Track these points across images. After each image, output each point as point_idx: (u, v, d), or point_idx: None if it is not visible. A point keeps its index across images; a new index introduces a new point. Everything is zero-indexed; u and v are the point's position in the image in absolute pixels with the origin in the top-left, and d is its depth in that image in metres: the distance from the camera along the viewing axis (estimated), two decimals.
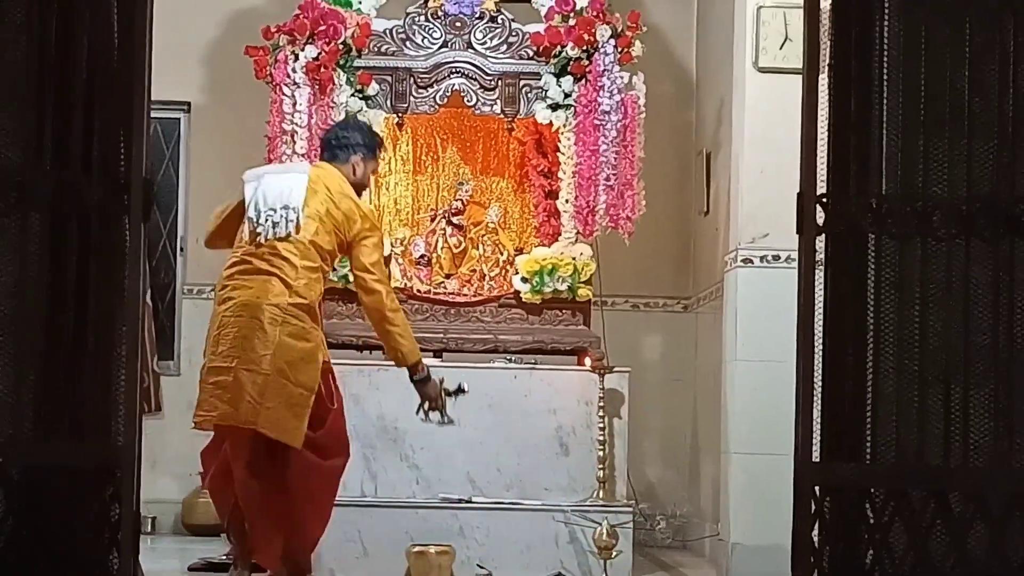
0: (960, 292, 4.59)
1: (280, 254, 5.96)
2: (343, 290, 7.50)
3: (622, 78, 7.81)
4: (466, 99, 8.00)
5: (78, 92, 4.48)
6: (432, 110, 8.06)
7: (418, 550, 7.11)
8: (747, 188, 7.78)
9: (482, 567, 7.31)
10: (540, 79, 7.95)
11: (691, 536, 9.03)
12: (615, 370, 7.68)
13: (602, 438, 7.52)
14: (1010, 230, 4.59)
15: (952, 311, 4.58)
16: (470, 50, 8.01)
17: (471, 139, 8.52)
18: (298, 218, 5.96)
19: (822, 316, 4.62)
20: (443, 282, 8.23)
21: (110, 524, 4.46)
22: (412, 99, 7.99)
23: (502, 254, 8.24)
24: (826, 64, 4.68)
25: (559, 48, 7.89)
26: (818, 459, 4.58)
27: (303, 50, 7.74)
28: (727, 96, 8.25)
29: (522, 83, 7.99)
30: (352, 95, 7.83)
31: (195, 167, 9.41)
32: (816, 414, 4.59)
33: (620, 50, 7.82)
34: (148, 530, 8.94)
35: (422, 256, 8.27)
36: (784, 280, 5.94)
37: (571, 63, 7.87)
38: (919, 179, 4.64)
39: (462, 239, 8.30)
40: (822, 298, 4.62)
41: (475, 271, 8.25)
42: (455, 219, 8.32)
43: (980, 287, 4.59)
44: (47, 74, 4.47)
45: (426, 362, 6.49)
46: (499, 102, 8.00)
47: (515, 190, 8.48)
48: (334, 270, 7.44)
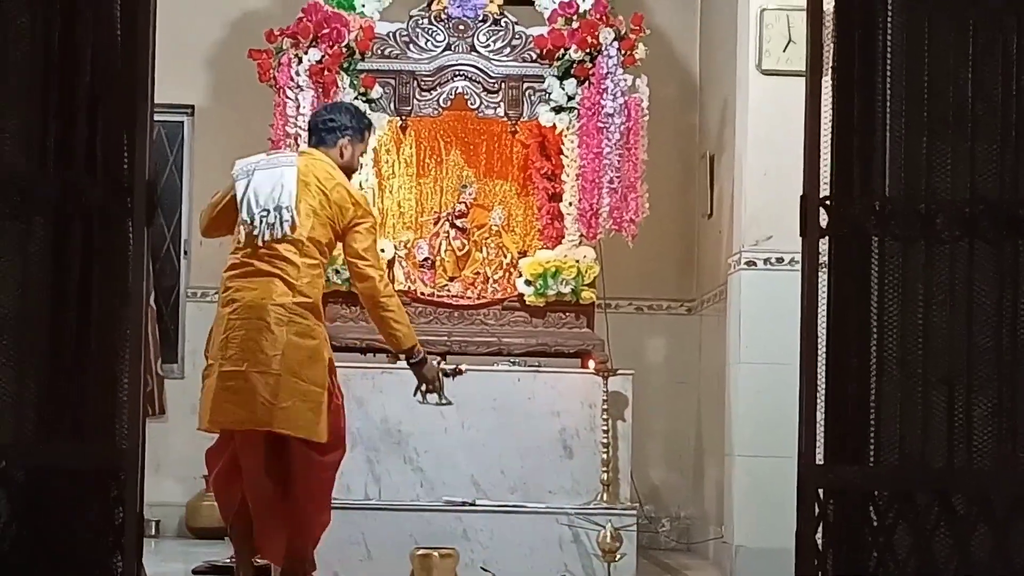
0: (963, 294, 4.58)
1: (280, 254, 5.94)
2: (347, 293, 7.51)
3: (625, 81, 7.81)
4: (469, 102, 8.01)
5: (81, 95, 4.48)
6: (435, 113, 8.06)
7: (422, 553, 7.11)
8: (750, 190, 7.78)
9: (486, 570, 7.31)
10: (543, 82, 7.95)
11: (695, 539, 9.02)
12: (619, 373, 7.68)
13: (606, 441, 7.52)
14: (1013, 232, 4.59)
15: (956, 313, 4.58)
16: (473, 53, 8.01)
17: (474, 142, 8.52)
18: (292, 217, 5.92)
19: (826, 318, 4.61)
20: (447, 285, 8.22)
21: (113, 527, 4.46)
22: (415, 102, 7.99)
23: (506, 257, 8.24)
24: (829, 67, 4.68)
25: (562, 51, 7.89)
26: (822, 462, 4.58)
27: (307, 53, 7.75)
28: (730, 99, 8.25)
29: (525, 86, 7.99)
30: (356, 98, 7.82)
31: (198, 170, 9.41)
32: (820, 417, 4.59)
33: (623, 53, 7.82)
34: (152, 533, 8.94)
35: (426, 259, 8.27)
36: (788, 282, 5.93)
37: (574, 66, 7.87)
38: (922, 181, 4.64)
39: (466, 242, 8.30)
40: (826, 300, 4.62)
41: (479, 274, 8.24)
42: (459, 222, 8.32)
43: (983, 289, 4.58)
44: (50, 77, 4.47)
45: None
46: (502, 105, 8.00)
47: (519, 193, 8.48)
48: (336, 272, 7.48)
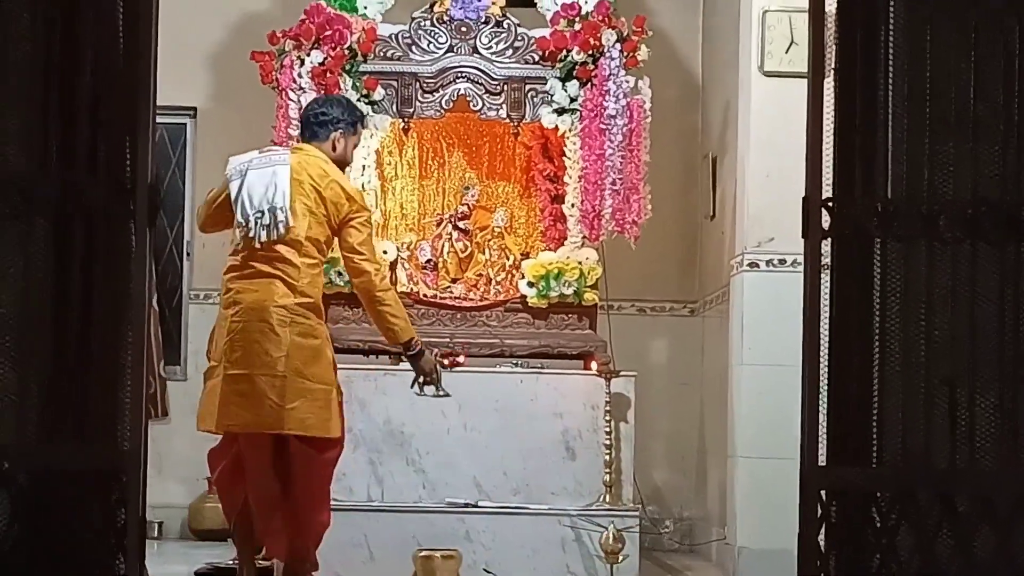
0: (966, 295, 4.58)
1: (280, 255, 5.92)
2: (349, 295, 7.50)
3: (628, 82, 7.81)
4: (472, 104, 8.01)
5: (83, 96, 4.47)
6: (438, 115, 8.07)
7: (425, 554, 7.12)
8: (753, 192, 7.78)
9: (488, 571, 7.31)
10: (546, 83, 7.95)
11: (697, 540, 9.02)
12: (621, 374, 7.69)
13: (608, 442, 7.52)
14: (1015, 233, 4.58)
15: (958, 314, 4.57)
16: (476, 55, 8.01)
17: (477, 144, 8.52)
18: (287, 218, 5.89)
19: (828, 320, 4.61)
20: (449, 287, 8.23)
21: (116, 529, 4.45)
22: (418, 104, 8.00)
23: (508, 258, 8.24)
24: (831, 68, 4.67)
25: (565, 52, 7.89)
26: (824, 463, 4.57)
27: (309, 55, 7.76)
28: (733, 100, 8.25)
29: (528, 87, 7.99)
30: (358, 100, 7.82)
31: (201, 172, 9.41)
32: (822, 418, 4.58)
33: (626, 54, 7.82)
34: (155, 535, 8.95)
35: (428, 261, 8.27)
36: (790, 284, 5.94)
37: (577, 67, 7.87)
38: (925, 182, 4.63)
39: (468, 244, 8.30)
40: (828, 302, 4.61)
41: (481, 275, 8.25)
42: (461, 224, 8.32)
43: (986, 290, 4.57)
44: (52, 78, 4.46)
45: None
46: (505, 106, 8.00)
47: (521, 194, 8.48)
48: (339, 274, 7.48)
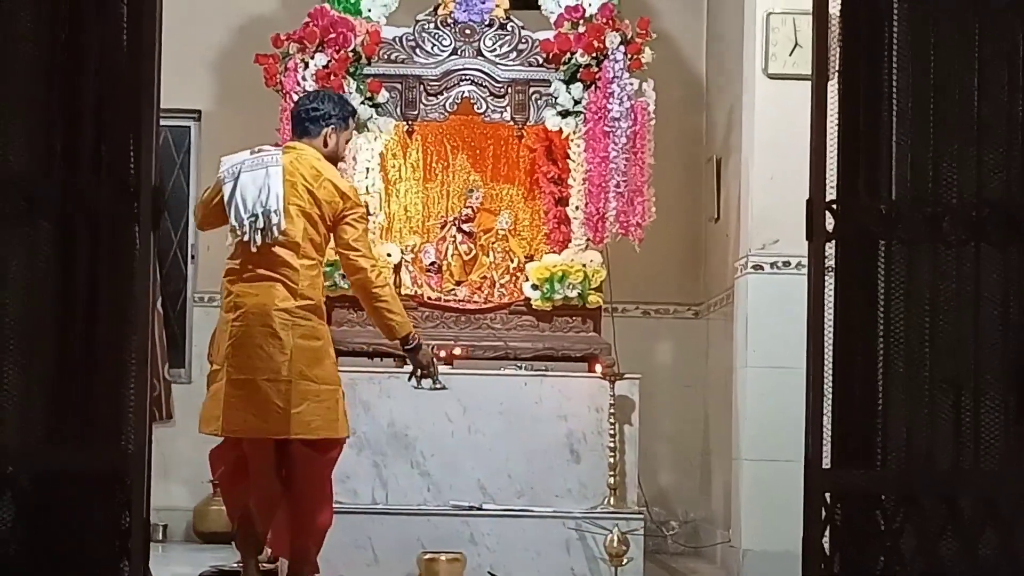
0: (970, 297, 4.57)
1: (278, 258, 5.91)
2: (353, 297, 7.49)
3: (632, 85, 7.82)
4: (476, 106, 8.01)
5: (87, 98, 4.47)
6: (442, 117, 8.07)
7: (429, 557, 7.13)
8: (757, 194, 7.78)
9: (493, 574, 7.31)
10: (550, 86, 7.95)
11: (702, 542, 9.01)
12: (626, 377, 7.69)
13: (613, 445, 7.52)
14: (1019, 235, 4.57)
15: (962, 316, 4.57)
16: (480, 57, 8.02)
17: (481, 146, 8.53)
18: (281, 221, 5.86)
19: (832, 322, 4.60)
20: (453, 289, 8.23)
21: (120, 531, 4.45)
22: (422, 106, 8.00)
23: (512, 261, 8.24)
24: (835, 70, 4.67)
25: (569, 55, 7.89)
26: (828, 465, 4.57)
27: (313, 58, 7.76)
28: (737, 102, 8.25)
29: (532, 90, 7.99)
30: (362, 103, 7.84)
31: (205, 175, 9.40)
32: (826, 420, 4.58)
33: (630, 57, 7.82)
34: (159, 537, 8.95)
35: (432, 263, 8.28)
36: (794, 286, 5.94)
37: (581, 70, 7.87)
38: (929, 184, 4.63)
39: (472, 246, 8.30)
40: (832, 304, 4.61)
41: (485, 278, 8.25)
42: (465, 226, 8.32)
43: (990, 292, 4.58)
44: (55, 79, 4.46)
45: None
46: (509, 109, 8.00)
47: (525, 197, 8.48)
48: (343, 277, 7.47)
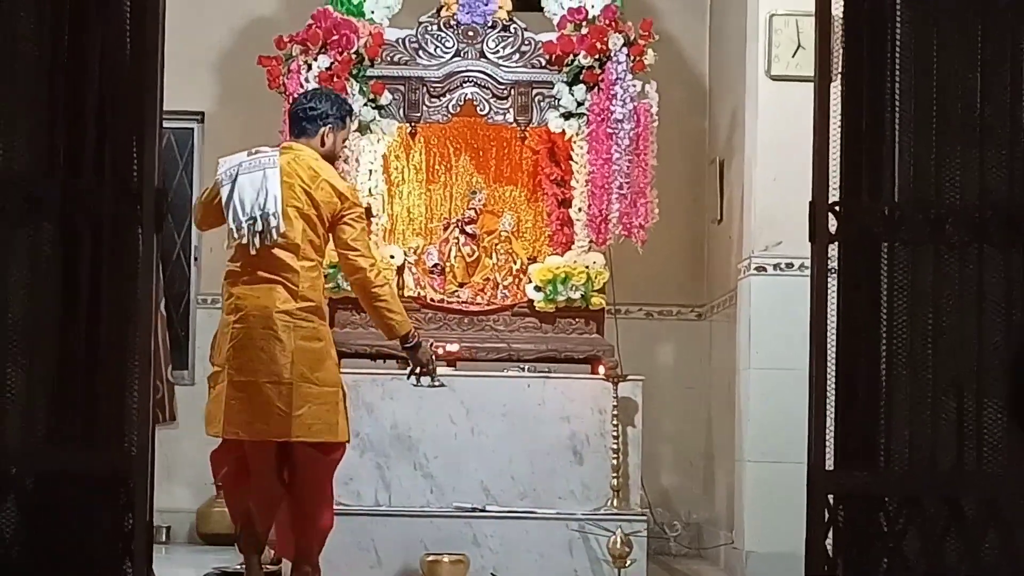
0: (973, 299, 4.57)
1: (278, 260, 5.91)
2: (355, 299, 7.49)
3: (635, 86, 7.81)
4: (479, 108, 8.01)
5: (90, 101, 4.48)
6: (445, 119, 8.07)
7: (432, 559, 7.13)
8: (760, 196, 7.78)
9: None
10: (553, 88, 7.95)
11: (705, 544, 9.01)
12: (629, 378, 7.68)
13: (616, 446, 7.52)
14: (1022, 237, 4.58)
15: (965, 318, 4.57)
16: (483, 59, 8.01)
17: (484, 148, 8.52)
18: (279, 224, 5.86)
19: (835, 323, 4.60)
20: (456, 291, 8.22)
21: (123, 533, 4.46)
22: (425, 108, 7.99)
23: (515, 263, 8.24)
24: (838, 72, 4.67)
25: (572, 57, 7.89)
26: (831, 467, 4.57)
27: (316, 60, 7.76)
28: (740, 104, 8.25)
29: (535, 92, 7.99)
30: (365, 104, 7.84)
31: (208, 177, 9.36)
32: (829, 422, 4.58)
33: (633, 58, 7.82)
34: (163, 539, 8.95)
35: (435, 265, 8.27)
36: (798, 288, 5.94)
37: (584, 72, 7.87)
38: (932, 186, 4.63)
39: (475, 248, 8.30)
40: (835, 305, 4.61)
41: (488, 280, 8.24)
42: (468, 228, 8.32)
43: (993, 294, 4.58)
44: (59, 82, 4.47)
45: (440, 371, 6.49)
46: (512, 111, 7.99)
47: (528, 199, 8.48)
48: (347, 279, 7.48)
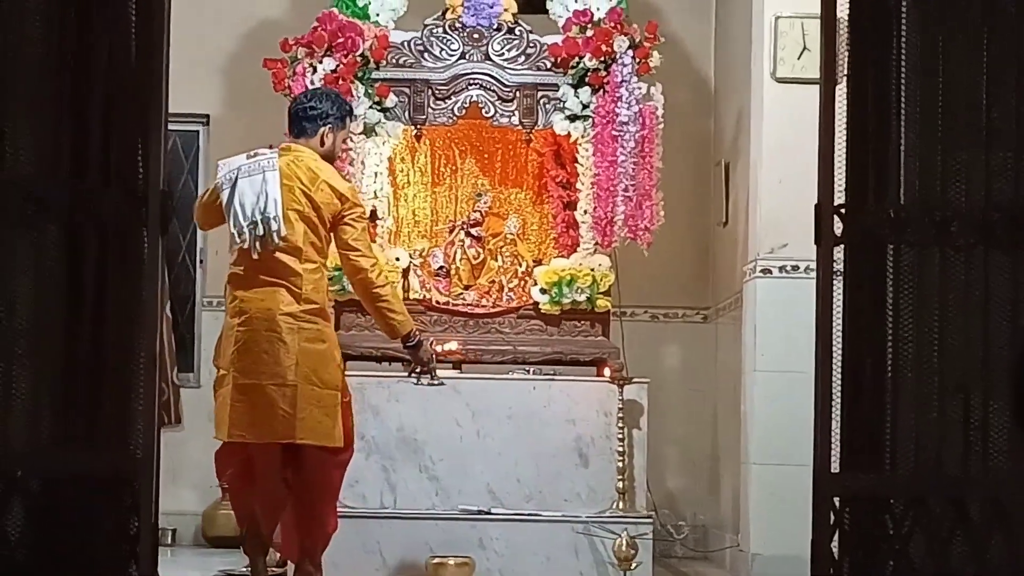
0: (979, 301, 4.57)
1: (281, 263, 5.91)
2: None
3: (640, 89, 7.81)
4: (484, 110, 8.01)
5: (95, 103, 4.47)
6: (450, 122, 8.06)
7: (437, 561, 7.12)
8: (765, 198, 7.78)
9: None
10: (558, 90, 7.95)
11: (711, 547, 9.01)
12: (634, 381, 7.68)
13: (621, 449, 7.51)
14: None
15: (971, 320, 4.56)
16: (488, 62, 8.01)
17: (489, 150, 8.52)
18: (280, 228, 5.86)
19: (841, 326, 4.60)
20: (462, 293, 8.22)
21: (128, 536, 4.45)
22: (430, 111, 8.00)
23: (521, 265, 8.23)
24: (844, 74, 4.67)
25: (577, 59, 7.89)
26: (837, 469, 4.57)
27: (321, 62, 7.76)
28: (745, 106, 8.24)
29: (540, 94, 7.99)
30: (370, 107, 7.84)
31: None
32: (835, 424, 4.58)
33: (638, 61, 7.81)
34: (168, 542, 8.95)
35: (440, 267, 8.27)
36: (803, 290, 5.94)
37: (589, 74, 7.87)
38: (937, 188, 4.62)
39: (480, 250, 8.30)
40: (841, 308, 4.61)
41: (494, 282, 8.24)
42: (473, 230, 8.32)
43: (998, 296, 4.57)
44: (64, 85, 4.46)
45: (444, 374, 6.49)
46: (517, 113, 7.99)
47: (533, 201, 8.47)
48: None
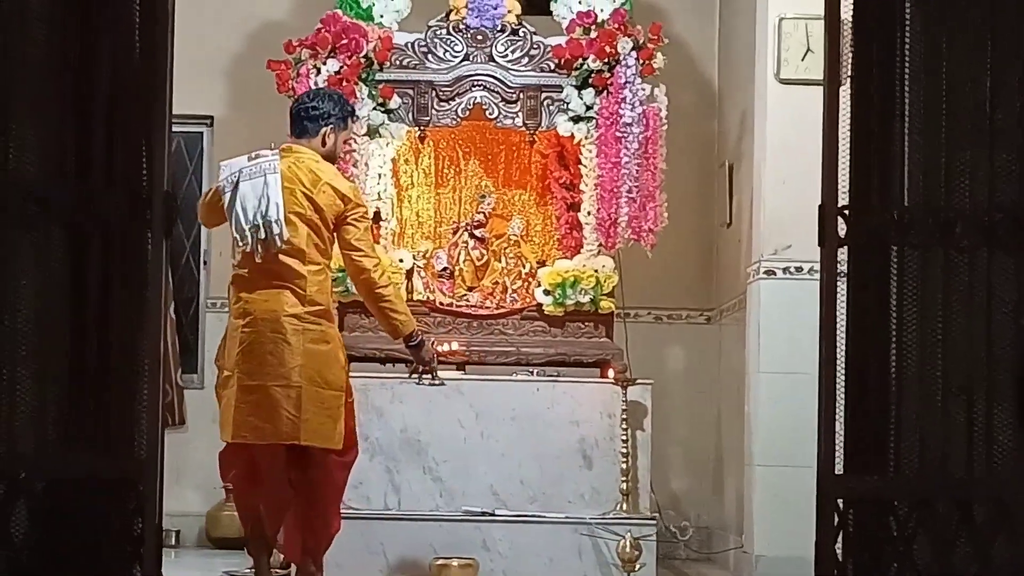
0: (982, 303, 4.56)
1: (285, 266, 5.92)
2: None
3: (644, 90, 7.81)
4: (488, 112, 8.01)
5: (99, 105, 4.47)
6: (454, 123, 8.07)
7: (441, 563, 7.13)
8: (769, 199, 7.78)
9: None
10: (562, 91, 7.95)
11: (715, 548, 9.00)
12: (638, 382, 7.68)
13: (625, 450, 7.51)
14: None
15: (975, 322, 4.56)
16: (492, 63, 8.02)
17: (493, 152, 8.53)
18: (283, 231, 5.85)
19: (844, 327, 4.60)
20: (465, 295, 8.23)
21: (132, 537, 4.45)
22: (434, 112, 8.00)
23: (524, 266, 8.24)
24: (847, 75, 4.66)
25: (581, 60, 7.89)
26: (841, 471, 4.56)
27: (325, 64, 7.77)
28: (749, 108, 8.24)
29: (544, 96, 7.99)
30: (374, 108, 7.85)
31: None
32: (839, 426, 4.57)
33: (642, 62, 7.82)
34: (172, 543, 8.95)
35: (444, 269, 8.28)
36: (807, 291, 5.94)
37: (593, 75, 7.87)
38: (941, 190, 4.61)
39: (484, 252, 8.30)
40: (845, 309, 4.60)
41: (497, 284, 8.24)
42: (477, 232, 8.32)
43: (1002, 297, 4.57)
44: (68, 86, 4.46)
45: (448, 375, 6.49)
46: (521, 115, 8.00)
47: (537, 202, 8.48)
48: None
